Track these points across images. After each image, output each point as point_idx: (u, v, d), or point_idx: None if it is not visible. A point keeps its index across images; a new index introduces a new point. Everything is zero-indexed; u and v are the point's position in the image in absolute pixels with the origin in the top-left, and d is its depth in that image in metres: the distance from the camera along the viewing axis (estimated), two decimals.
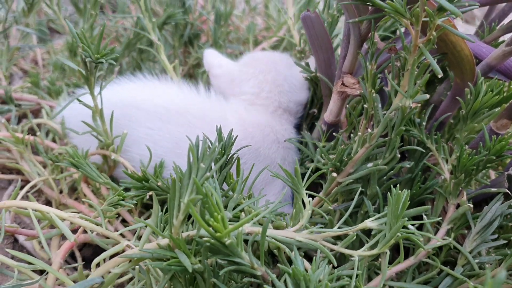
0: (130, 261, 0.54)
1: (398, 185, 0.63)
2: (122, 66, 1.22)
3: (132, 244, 0.54)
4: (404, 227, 0.58)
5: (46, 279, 0.66)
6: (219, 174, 0.68)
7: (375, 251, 0.56)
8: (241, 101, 0.93)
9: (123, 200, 0.63)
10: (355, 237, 0.56)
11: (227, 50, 1.30)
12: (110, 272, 0.54)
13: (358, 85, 0.75)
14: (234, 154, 0.67)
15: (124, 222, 0.86)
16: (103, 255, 0.54)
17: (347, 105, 0.84)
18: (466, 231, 0.71)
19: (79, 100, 0.78)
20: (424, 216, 0.72)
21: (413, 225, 0.71)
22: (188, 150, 0.49)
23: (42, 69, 1.35)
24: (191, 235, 0.54)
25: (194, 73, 1.28)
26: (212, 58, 0.98)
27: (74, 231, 0.75)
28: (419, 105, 0.65)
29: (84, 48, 0.72)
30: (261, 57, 0.98)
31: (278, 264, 0.53)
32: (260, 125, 0.88)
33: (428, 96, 0.64)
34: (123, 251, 0.57)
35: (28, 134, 0.95)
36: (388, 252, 0.57)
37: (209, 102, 0.90)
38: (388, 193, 0.55)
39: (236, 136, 0.68)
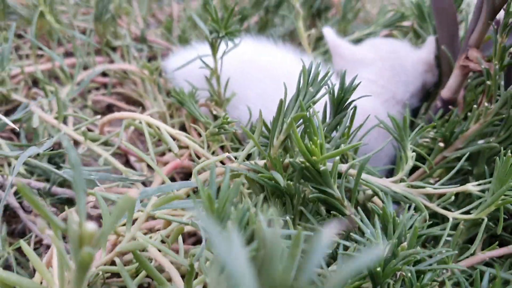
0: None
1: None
2: (249, 26, 1.26)
3: (232, 157, 0.57)
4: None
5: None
6: (332, 118, 0.69)
7: (472, 216, 0.54)
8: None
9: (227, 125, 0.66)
10: (452, 198, 0.54)
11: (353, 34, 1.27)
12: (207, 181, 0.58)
13: (484, 60, 0.72)
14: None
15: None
16: (204, 163, 0.57)
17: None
18: None
19: (201, 60, 0.81)
20: None
21: None
22: (300, 72, 0.51)
23: (177, 22, 1.44)
24: (288, 162, 0.55)
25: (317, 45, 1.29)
26: (337, 38, 0.97)
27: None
28: None
29: (211, 23, 0.74)
30: (381, 44, 0.96)
31: (370, 203, 0.53)
32: (365, 111, 0.80)
33: None
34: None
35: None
36: (486, 220, 0.54)
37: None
38: (496, 157, 0.53)
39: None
